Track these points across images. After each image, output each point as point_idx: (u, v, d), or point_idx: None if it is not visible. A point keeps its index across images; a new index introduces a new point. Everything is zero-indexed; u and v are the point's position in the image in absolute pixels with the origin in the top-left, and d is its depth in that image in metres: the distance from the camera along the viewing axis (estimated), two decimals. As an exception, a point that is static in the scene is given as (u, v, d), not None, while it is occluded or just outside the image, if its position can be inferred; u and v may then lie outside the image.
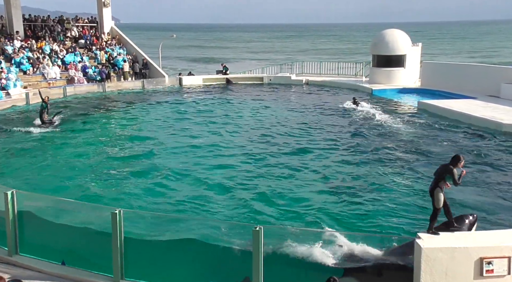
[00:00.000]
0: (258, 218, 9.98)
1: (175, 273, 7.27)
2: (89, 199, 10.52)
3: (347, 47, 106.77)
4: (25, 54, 28.07)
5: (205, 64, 70.38)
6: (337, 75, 34.20)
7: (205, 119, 20.89)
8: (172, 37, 45.10)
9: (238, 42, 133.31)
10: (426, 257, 6.25)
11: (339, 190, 11.71)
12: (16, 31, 29.91)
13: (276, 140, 16.97)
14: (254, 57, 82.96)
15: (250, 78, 34.46)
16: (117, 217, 6.88)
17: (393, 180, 12.35)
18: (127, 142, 17.00)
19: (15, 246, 7.85)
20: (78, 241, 7.79)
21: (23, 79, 26.15)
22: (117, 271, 7.06)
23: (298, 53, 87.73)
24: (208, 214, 10.23)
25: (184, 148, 15.86)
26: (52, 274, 7.31)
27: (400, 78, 29.00)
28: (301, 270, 7.21)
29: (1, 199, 7.72)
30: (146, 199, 11.15)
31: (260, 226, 6.41)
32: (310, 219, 9.89)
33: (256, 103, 25.09)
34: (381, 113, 21.16)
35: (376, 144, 16.00)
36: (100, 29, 35.24)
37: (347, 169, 13.40)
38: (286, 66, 37.51)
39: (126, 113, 22.82)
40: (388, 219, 9.87)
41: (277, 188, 11.76)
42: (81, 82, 28.71)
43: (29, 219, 8.04)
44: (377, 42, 29.81)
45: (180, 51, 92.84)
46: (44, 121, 18.78)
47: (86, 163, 14.07)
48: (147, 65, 33.28)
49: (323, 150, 15.45)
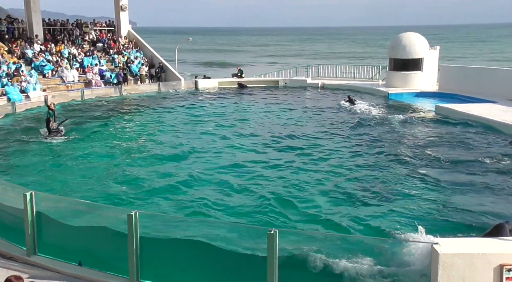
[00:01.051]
0: (273, 221, 9.97)
1: (190, 276, 7.28)
2: (106, 201, 10.62)
3: (364, 50, 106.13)
4: (45, 57, 28.50)
5: (221, 67, 70.60)
6: (353, 79, 34.06)
7: (220, 122, 20.94)
8: (188, 41, 45.31)
9: (254, 45, 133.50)
10: (443, 263, 6.14)
11: (354, 193, 11.60)
12: (36, 35, 30.41)
13: (290, 143, 16.94)
14: (269, 60, 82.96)
15: (265, 82, 34.49)
16: (133, 219, 6.93)
17: (409, 184, 12.21)
18: (143, 145, 17.12)
19: (33, 246, 7.95)
20: (95, 242, 7.85)
21: (42, 82, 26.54)
22: (132, 272, 7.09)
23: (314, 56, 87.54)
24: (223, 216, 10.25)
25: (200, 150, 15.91)
26: (69, 275, 7.37)
27: (417, 82, 28.74)
28: (317, 276, 7.15)
29: (21, 200, 7.84)
30: (162, 201, 11.20)
31: (275, 230, 6.35)
32: (326, 223, 9.83)
33: (271, 106, 25.09)
34: (385, 112, 21.07)
35: (392, 148, 15.86)
36: (117, 32, 35.64)
37: (364, 172, 13.29)
38: (302, 69, 37.46)
39: (142, 116, 23.00)
40: (404, 224, 9.76)
41: (292, 191, 11.72)
42: (98, 85, 29.06)
43: (47, 220, 8.14)
44: (394, 46, 29.61)
45: (196, 55, 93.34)
46: (51, 130, 17.62)
47: (102, 166, 14.18)
48: (163, 68, 33.52)
49: (337, 153, 15.39)
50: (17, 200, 8.03)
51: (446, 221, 9.89)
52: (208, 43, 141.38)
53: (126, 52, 33.40)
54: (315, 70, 36.44)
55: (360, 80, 33.49)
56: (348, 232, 9.24)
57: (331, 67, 36.51)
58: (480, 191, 11.58)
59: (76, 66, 29.56)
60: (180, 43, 41.91)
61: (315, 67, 36.99)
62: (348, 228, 9.53)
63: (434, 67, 29.42)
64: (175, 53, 37.28)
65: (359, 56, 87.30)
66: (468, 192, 11.57)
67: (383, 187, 12.04)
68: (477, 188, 11.77)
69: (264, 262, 6.40)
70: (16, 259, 7.94)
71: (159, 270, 7.30)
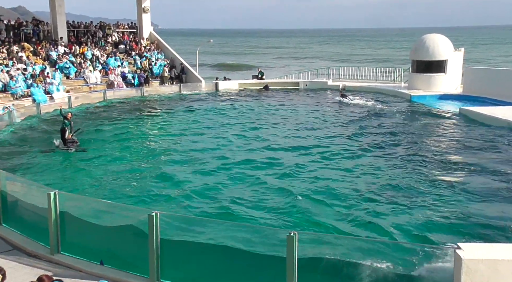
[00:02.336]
0: (292, 223, 9.95)
1: (209, 277, 7.30)
2: (127, 201, 10.74)
3: (386, 52, 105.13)
4: (68, 59, 29.01)
5: (241, 69, 70.78)
6: (375, 81, 33.74)
7: (241, 123, 21.01)
8: (209, 43, 45.61)
9: (274, 47, 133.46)
10: (467, 269, 6.02)
11: (376, 197, 11.50)
12: (60, 37, 30.97)
13: (312, 143, 16.93)
14: (290, 62, 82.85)
15: (286, 84, 34.44)
16: (154, 219, 6.98)
17: (432, 188, 12.03)
18: (164, 145, 17.26)
19: (57, 245, 8.09)
20: (116, 242, 7.94)
21: (65, 84, 27.00)
22: (153, 272, 7.15)
23: (335, 58, 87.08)
24: (243, 217, 10.27)
25: (220, 151, 15.98)
26: (91, 274, 7.46)
27: (440, 84, 28.31)
28: (337, 279, 7.09)
29: (45, 199, 7.98)
30: (183, 202, 11.28)
31: (295, 232, 6.32)
32: (346, 225, 9.77)
33: (292, 108, 25.06)
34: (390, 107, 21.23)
35: (414, 151, 15.66)
36: (139, 34, 36.05)
37: (386, 176, 13.17)
38: (323, 71, 37.27)
39: (163, 117, 23.20)
40: (426, 228, 9.63)
41: (315, 193, 11.69)
42: (120, 86, 29.42)
43: (70, 219, 8.27)
44: (418, 47, 29.22)
45: (216, 56, 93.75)
46: (66, 141, 16.23)
47: (122, 168, 14.30)
48: (184, 70, 33.77)
49: (359, 156, 15.27)
50: (42, 199, 8.18)
51: (469, 227, 9.71)
52: (227, 45, 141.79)
53: (148, 53, 33.74)
54: (336, 72, 36.21)
55: (382, 82, 33.15)
56: (369, 235, 9.16)
57: (352, 69, 36.21)
58: (506, 197, 11.33)
59: (98, 68, 30.00)
60: (201, 46, 42.15)
61: (336, 69, 36.76)
62: (369, 231, 9.45)
63: (459, 69, 28.94)
64: (196, 55, 37.52)
65: (381, 58, 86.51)
66: (492, 198, 11.33)
67: (406, 190, 11.89)
68: (502, 194, 11.53)
69: (284, 264, 6.38)
70: (40, 258, 8.08)
71: (179, 271, 7.34)
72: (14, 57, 26.47)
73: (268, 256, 7.14)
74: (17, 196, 9.32)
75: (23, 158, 15.11)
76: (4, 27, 29.84)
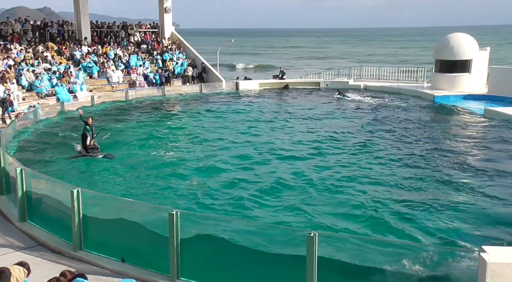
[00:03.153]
0: (312, 223, 9.90)
1: (229, 275, 7.30)
2: (149, 200, 10.84)
3: (408, 51, 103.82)
4: (91, 59, 29.44)
5: (262, 69, 70.77)
6: (397, 81, 33.33)
7: (261, 122, 21.01)
8: (229, 42, 45.74)
9: (295, 46, 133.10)
10: (491, 272, 5.89)
11: (398, 197, 11.37)
12: (84, 37, 31.46)
13: (331, 143, 16.83)
14: (311, 62, 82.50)
15: (306, 83, 34.30)
16: (174, 217, 7.02)
17: (456, 190, 11.85)
18: (185, 145, 17.36)
19: (79, 241, 8.21)
20: (137, 240, 8.00)
21: (88, 83, 27.40)
22: (173, 270, 7.19)
23: (356, 57, 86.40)
24: (262, 217, 10.27)
25: (240, 151, 16.03)
26: (112, 271, 7.55)
27: (465, 84, 27.80)
28: (357, 280, 7.02)
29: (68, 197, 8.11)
30: (204, 201, 11.35)
31: (315, 232, 6.28)
32: (367, 227, 9.67)
33: (312, 108, 24.96)
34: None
35: (438, 153, 15.44)
36: (161, 34, 36.36)
37: (409, 177, 13.03)
38: (344, 71, 37.00)
39: (184, 117, 23.36)
40: (449, 230, 9.48)
41: (335, 193, 11.63)
42: (142, 86, 29.72)
43: (92, 217, 8.38)
44: (441, 47, 28.75)
45: (237, 56, 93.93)
46: (88, 147, 15.49)
47: (145, 165, 14.47)
48: (205, 70, 33.94)
49: (384, 156, 15.11)
50: (65, 196, 8.31)
51: (493, 230, 9.54)
52: (248, 45, 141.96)
53: (169, 53, 34.01)
54: (357, 72, 35.88)
55: (404, 82, 32.72)
56: (391, 237, 9.05)
57: (374, 69, 35.83)
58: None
59: (121, 67, 30.37)
60: (222, 45, 42.29)
61: (357, 69, 36.44)
62: (391, 233, 9.34)
63: (484, 69, 28.38)
64: (217, 55, 37.66)
65: (403, 57, 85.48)
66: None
67: (429, 192, 11.75)
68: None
69: (304, 264, 6.34)
70: (63, 254, 8.22)
71: (198, 269, 7.37)
72: (39, 56, 27.00)
73: (288, 255, 7.11)
74: (42, 194, 9.50)
75: (47, 157, 15.37)
76: (30, 27, 30.46)
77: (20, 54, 26.29)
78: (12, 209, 10.14)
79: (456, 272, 6.83)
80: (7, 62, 24.37)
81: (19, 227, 9.36)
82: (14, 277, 4.90)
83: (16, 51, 26.43)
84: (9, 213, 10.07)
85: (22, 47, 27.37)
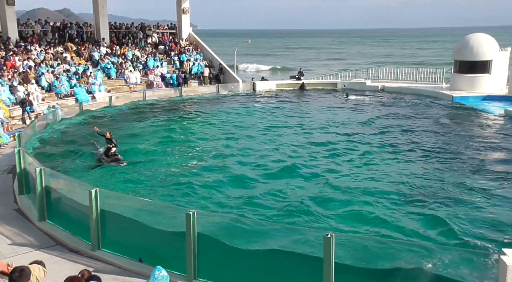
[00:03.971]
0: (328, 224, 9.84)
1: (245, 277, 7.29)
2: (166, 200, 10.89)
3: (426, 52, 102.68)
4: (110, 59, 29.72)
5: (279, 70, 70.71)
6: (415, 81, 32.98)
7: (279, 123, 20.96)
8: (247, 43, 45.77)
9: (312, 47, 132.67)
10: (513, 275, 5.77)
11: (417, 198, 11.25)
12: (103, 38, 31.78)
13: (348, 143, 16.72)
14: (328, 63, 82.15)
15: (324, 84, 34.14)
16: (191, 218, 7.03)
17: (476, 192, 11.66)
18: (203, 146, 17.39)
19: (97, 241, 8.27)
20: (154, 240, 8.03)
21: (107, 84, 27.67)
22: (190, 270, 7.20)
23: (374, 58, 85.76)
24: (281, 218, 10.23)
25: (258, 152, 16.00)
26: (130, 270, 7.59)
27: (484, 85, 27.39)
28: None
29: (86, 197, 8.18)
30: (220, 202, 11.37)
31: (332, 233, 6.23)
32: (385, 228, 9.58)
33: (330, 109, 24.84)
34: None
35: (457, 154, 15.24)
36: (179, 35, 36.54)
37: (428, 179, 12.88)
38: (361, 71, 36.72)
39: (201, 117, 23.41)
40: (469, 233, 9.32)
41: (353, 194, 11.55)
42: (159, 86, 29.90)
43: (110, 217, 8.44)
44: (461, 47, 28.37)
45: (254, 57, 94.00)
46: (109, 156, 15.04)
47: (162, 167, 14.51)
48: (222, 70, 34.00)
49: (404, 157, 14.95)
50: (83, 196, 8.38)
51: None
52: (265, 46, 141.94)
53: (187, 54, 34.17)
54: (374, 72, 35.60)
55: (422, 83, 32.37)
56: (410, 238, 8.94)
57: (392, 69, 35.52)
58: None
59: (139, 68, 30.60)
60: (239, 47, 42.33)
61: (374, 69, 36.14)
62: (410, 234, 9.24)
63: (504, 70, 27.93)
64: (234, 55, 37.70)
65: (421, 58, 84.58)
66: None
67: (450, 193, 11.61)
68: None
69: (320, 265, 6.30)
70: (82, 253, 8.29)
71: (215, 270, 7.36)
72: (58, 57, 27.35)
73: (305, 256, 7.08)
74: (61, 193, 9.60)
75: (66, 157, 15.55)
76: (50, 28, 30.89)
77: (40, 55, 26.68)
78: (32, 209, 10.28)
79: (476, 275, 6.72)
80: (27, 63, 24.75)
81: (39, 227, 9.48)
82: (34, 276, 4.94)
83: (36, 52, 26.82)
84: (29, 212, 10.21)
85: (42, 48, 27.77)
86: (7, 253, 8.13)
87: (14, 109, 20.63)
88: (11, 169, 13.43)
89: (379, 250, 7.22)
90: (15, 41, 27.04)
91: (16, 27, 27.67)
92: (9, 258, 7.76)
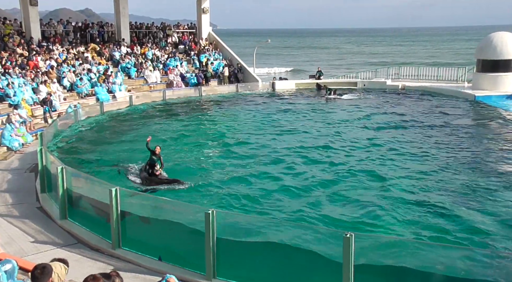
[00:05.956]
0: (348, 224, 9.78)
1: (265, 276, 7.27)
2: (185, 200, 10.94)
3: (448, 51, 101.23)
4: (130, 59, 30.01)
5: (299, 69, 70.50)
6: (436, 80, 32.50)
7: (299, 123, 20.88)
8: (266, 43, 45.73)
9: (332, 47, 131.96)
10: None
11: (441, 198, 11.11)
12: (123, 38, 32.10)
13: (368, 143, 16.58)
14: (348, 62, 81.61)
15: (343, 83, 33.85)
16: (210, 217, 7.04)
17: (499, 194, 11.43)
18: (223, 145, 17.38)
19: (118, 240, 8.35)
20: (174, 239, 8.08)
21: (127, 83, 27.93)
22: (209, 269, 7.21)
23: (394, 57, 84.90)
24: (298, 218, 10.20)
25: (279, 152, 15.95)
26: (150, 269, 7.64)
27: (508, 84, 26.87)
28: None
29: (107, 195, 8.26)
30: (241, 201, 11.37)
31: (351, 233, 6.18)
32: (409, 229, 9.48)
33: (350, 108, 24.65)
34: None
35: (480, 155, 15.00)
36: (198, 35, 36.69)
37: (448, 177, 12.75)
38: (381, 70, 36.35)
39: (221, 117, 23.47)
40: (491, 234, 9.16)
41: (372, 196, 11.44)
42: (179, 86, 30.07)
43: (130, 215, 8.51)
44: (484, 46, 27.86)
45: (274, 57, 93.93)
46: (151, 174, 12.86)
47: (181, 166, 14.57)
48: (242, 70, 34.03)
49: (425, 158, 14.77)
50: (104, 195, 8.47)
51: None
52: (284, 45, 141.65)
53: (206, 53, 34.29)
54: (395, 72, 35.18)
55: (444, 82, 31.88)
56: (435, 239, 8.83)
57: (412, 68, 35.07)
58: None
59: (159, 68, 30.82)
60: (259, 46, 42.31)
61: (395, 69, 35.72)
62: (431, 235, 9.12)
63: (528, 69, 27.32)
64: (253, 55, 37.69)
65: (442, 55, 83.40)
66: None
67: (474, 194, 11.45)
68: None
69: (339, 265, 6.25)
70: (102, 252, 8.38)
71: (234, 268, 7.36)
72: (80, 57, 27.73)
73: (324, 255, 7.03)
74: (81, 192, 9.72)
75: (87, 155, 15.76)
76: (72, 29, 31.34)
77: (62, 55, 27.08)
78: (54, 207, 10.43)
79: (496, 276, 6.59)
80: (50, 63, 25.14)
81: (60, 225, 9.62)
82: (56, 273, 4.99)
83: (58, 52, 27.23)
84: (50, 210, 10.36)
85: (64, 48, 28.19)
86: (30, 250, 8.27)
87: (37, 108, 20.97)
88: (34, 167, 13.66)
89: (401, 251, 7.13)
90: (38, 41, 27.51)
91: (39, 27, 28.16)
92: (31, 256, 7.91)
